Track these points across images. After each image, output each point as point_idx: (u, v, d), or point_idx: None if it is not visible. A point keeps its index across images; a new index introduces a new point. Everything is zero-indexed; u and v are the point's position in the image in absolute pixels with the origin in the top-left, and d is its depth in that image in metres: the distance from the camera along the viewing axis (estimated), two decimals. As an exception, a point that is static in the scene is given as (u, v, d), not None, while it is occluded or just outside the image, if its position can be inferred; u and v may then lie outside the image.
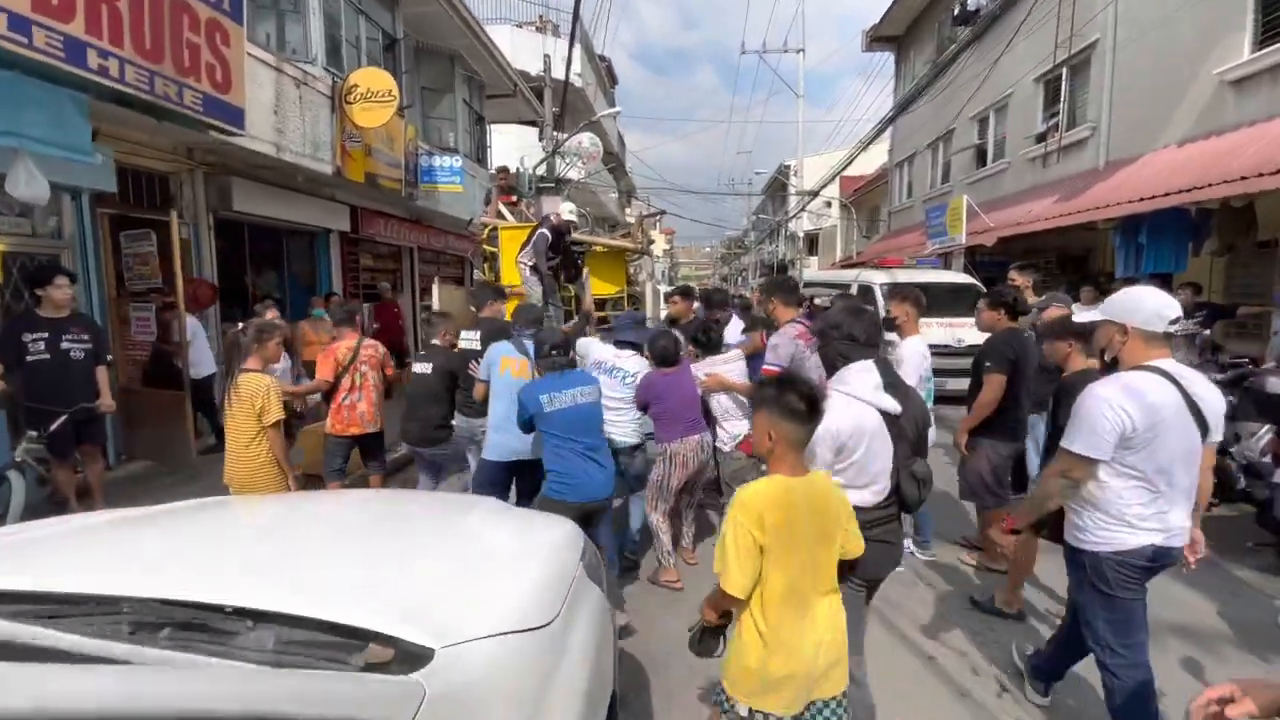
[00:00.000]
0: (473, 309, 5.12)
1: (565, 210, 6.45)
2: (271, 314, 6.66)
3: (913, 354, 3.98)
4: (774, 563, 1.74)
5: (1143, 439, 2.10)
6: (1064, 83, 11.35)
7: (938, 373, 4.62)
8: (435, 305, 6.81)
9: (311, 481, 5.67)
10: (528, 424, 3.29)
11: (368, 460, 4.84)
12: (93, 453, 5.02)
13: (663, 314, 7.26)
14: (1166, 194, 7.26)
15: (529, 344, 3.88)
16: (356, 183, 8.48)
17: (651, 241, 8.08)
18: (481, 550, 2.08)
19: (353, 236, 10.15)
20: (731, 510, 1.79)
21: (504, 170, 7.84)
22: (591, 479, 3.26)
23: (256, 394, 3.28)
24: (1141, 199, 7.69)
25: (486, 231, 7.49)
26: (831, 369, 2.29)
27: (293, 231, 9.32)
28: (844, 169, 17.03)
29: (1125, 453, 2.12)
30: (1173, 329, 2.17)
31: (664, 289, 8.84)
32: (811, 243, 31.63)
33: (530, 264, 5.98)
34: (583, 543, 2.32)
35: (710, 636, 1.97)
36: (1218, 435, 2.21)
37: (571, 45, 12.38)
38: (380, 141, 8.56)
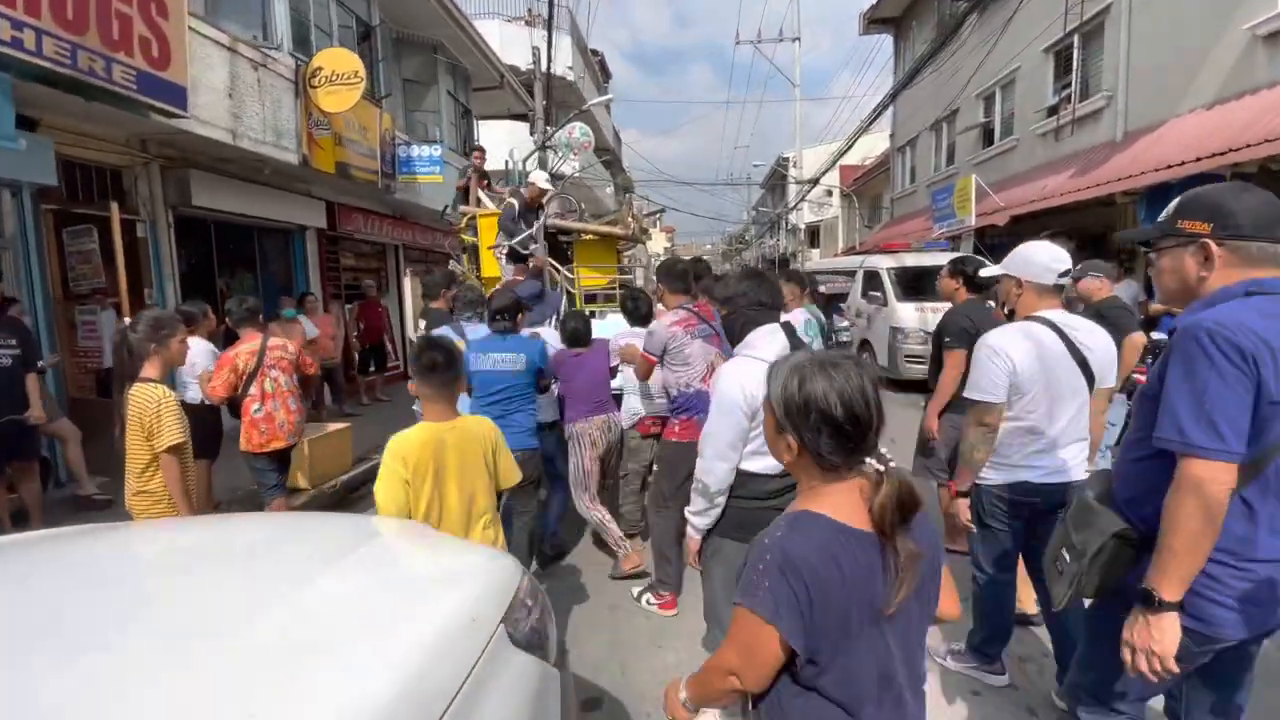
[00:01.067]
0: (424, 299, 4.68)
1: (540, 179, 6.08)
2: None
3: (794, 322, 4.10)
4: (430, 492, 2.17)
5: (1027, 384, 2.27)
6: (1075, 51, 10.79)
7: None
8: (408, 299, 6.34)
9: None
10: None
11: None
12: (26, 470, 4.55)
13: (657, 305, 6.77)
14: (1198, 159, 6.72)
15: (469, 327, 3.99)
16: (332, 176, 8.00)
17: (645, 230, 7.57)
18: (333, 617, 1.36)
19: (330, 234, 9.67)
20: (385, 453, 2.18)
21: (480, 150, 7.34)
22: None
23: (146, 410, 2.54)
24: (1169, 166, 7.15)
25: (465, 220, 6.99)
26: (740, 335, 2.25)
27: (266, 229, 8.84)
28: (845, 152, 16.48)
29: (1015, 398, 2.30)
30: (1062, 281, 2.32)
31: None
32: (813, 235, 31.08)
33: (504, 249, 5.66)
34: (516, 592, 1.61)
35: None
36: (1106, 383, 2.36)
37: (550, 28, 11.93)
38: (352, 130, 8.08)
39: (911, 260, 9.09)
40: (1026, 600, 3.10)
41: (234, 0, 7.13)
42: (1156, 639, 1.40)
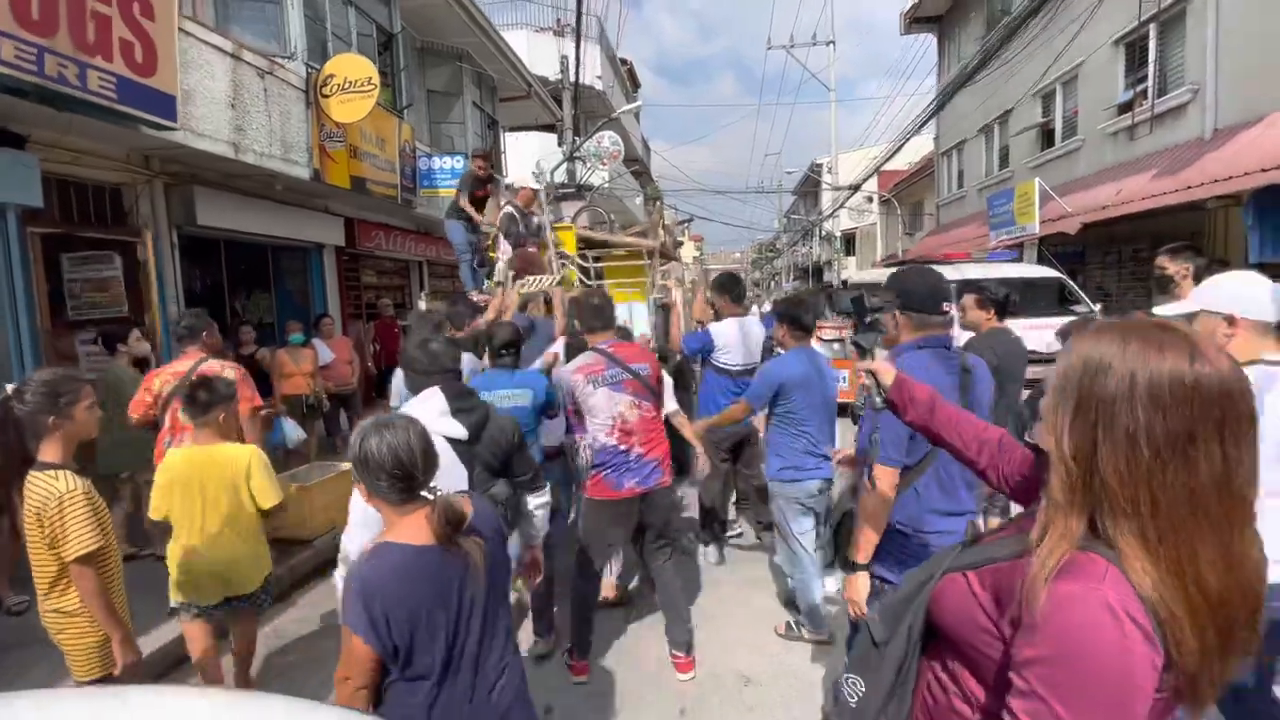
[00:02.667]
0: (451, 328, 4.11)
1: (529, 181, 6.04)
2: (136, 343, 4.93)
3: (724, 334, 4.13)
4: (197, 507, 2.54)
5: None
6: (1151, 42, 9.85)
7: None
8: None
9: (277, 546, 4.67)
10: None
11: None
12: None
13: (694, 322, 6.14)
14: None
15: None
16: (349, 192, 7.52)
17: (680, 243, 6.95)
18: None
19: (350, 251, 9.21)
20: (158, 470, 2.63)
21: (483, 156, 6.68)
22: None
23: (46, 509, 1.93)
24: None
25: (491, 238, 6.43)
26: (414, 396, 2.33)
27: (280, 248, 8.41)
28: (891, 156, 15.62)
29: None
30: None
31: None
32: (849, 242, 30.08)
33: (506, 259, 5.51)
34: None
35: None
36: None
37: (579, 37, 11.41)
38: (369, 142, 7.58)
39: (975, 271, 8.23)
40: None
41: (246, 8, 6.72)
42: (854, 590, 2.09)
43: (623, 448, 2.94)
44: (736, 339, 4.13)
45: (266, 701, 1.48)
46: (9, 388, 1.99)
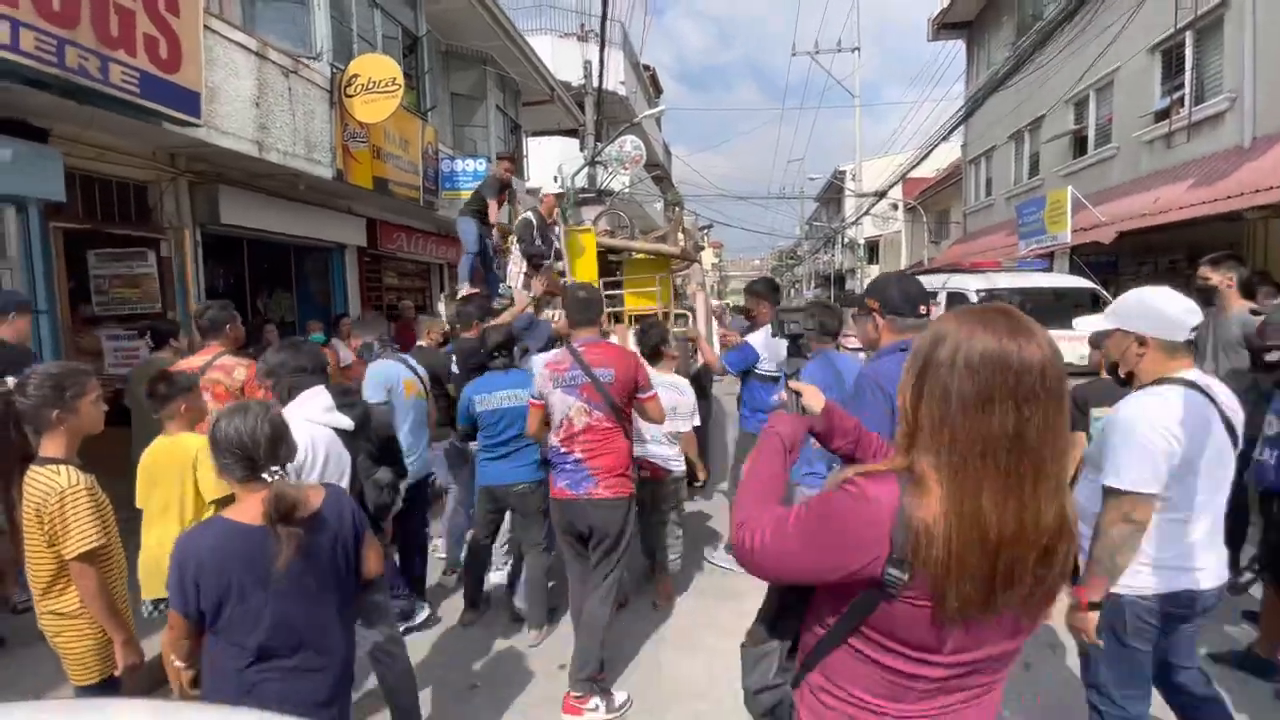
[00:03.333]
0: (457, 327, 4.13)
1: (552, 189, 6.07)
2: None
3: (761, 343, 4.07)
4: (149, 496, 2.56)
5: (1185, 466, 1.87)
6: (1188, 49, 9.57)
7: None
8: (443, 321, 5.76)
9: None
10: (469, 426, 3.51)
11: None
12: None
13: (714, 330, 6.02)
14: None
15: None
16: (373, 193, 7.53)
17: (701, 247, 6.86)
18: None
19: (371, 252, 9.23)
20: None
21: (509, 159, 6.62)
22: (500, 470, 3.47)
23: (46, 505, 1.86)
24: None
25: (506, 241, 6.38)
26: (288, 400, 2.38)
27: (303, 248, 8.44)
28: (919, 163, 15.38)
29: (1172, 483, 1.88)
30: (1192, 336, 1.96)
31: (715, 302, 7.68)
32: (872, 250, 29.76)
33: (522, 269, 5.53)
34: None
35: None
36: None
37: (603, 43, 11.37)
38: (392, 143, 7.58)
39: (1005, 281, 8.05)
40: None
41: (272, 7, 6.75)
42: None
43: (563, 450, 2.92)
44: (769, 345, 4.03)
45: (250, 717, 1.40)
46: (10, 382, 1.92)
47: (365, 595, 2.11)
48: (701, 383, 5.08)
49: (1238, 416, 1.97)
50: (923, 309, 2.20)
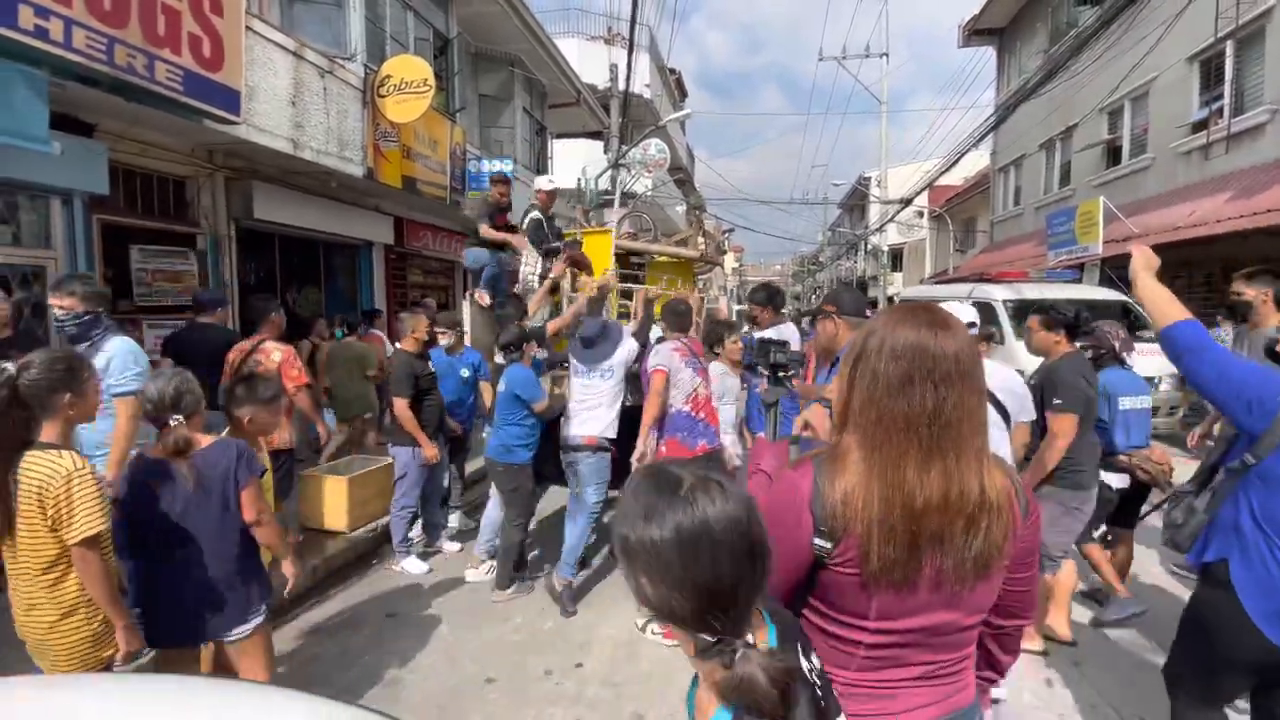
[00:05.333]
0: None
1: (543, 182, 6.17)
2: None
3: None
4: None
5: None
6: (1228, 59, 9.39)
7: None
8: (465, 323, 5.82)
9: (311, 537, 4.71)
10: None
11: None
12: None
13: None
14: None
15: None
16: (401, 192, 7.64)
17: (723, 251, 6.85)
18: None
19: (398, 250, 9.36)
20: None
21: (503, 181, 6.31)
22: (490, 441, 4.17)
23: (49, 489, 1.84)
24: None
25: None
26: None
27: (332, 244, 8.58)
28: (948, 169, 15.18)
29: None
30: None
31: (735, 307, 7.66)
32: (895, 258, 29.46)
33: (536, 269, 5.69)
34: None
35: None
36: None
37: (631, 47, 11.40)
38: (422, 143, 7.69)
39: (1032, 292, 7.92)
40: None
41: (309, 9, 6.89)
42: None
43: (693, 414, 3.74)
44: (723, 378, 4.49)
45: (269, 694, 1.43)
46: (10, 367, 1.90)
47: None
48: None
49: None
50: (868, 313, 2.53)
